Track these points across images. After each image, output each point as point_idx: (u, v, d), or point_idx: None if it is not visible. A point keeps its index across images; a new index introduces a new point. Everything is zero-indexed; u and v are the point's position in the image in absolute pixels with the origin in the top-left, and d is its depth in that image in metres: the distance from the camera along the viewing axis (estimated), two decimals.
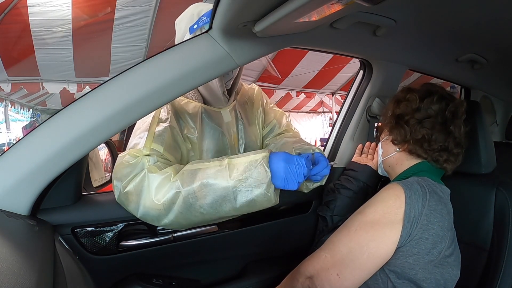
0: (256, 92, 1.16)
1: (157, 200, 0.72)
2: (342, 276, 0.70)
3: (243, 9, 0.58)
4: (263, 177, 0.71)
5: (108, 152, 1.04)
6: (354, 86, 1.23)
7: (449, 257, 0.71)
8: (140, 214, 0.75)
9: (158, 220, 0.74)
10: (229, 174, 0.72)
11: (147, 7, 3.29)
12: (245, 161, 0.73)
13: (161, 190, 0.72)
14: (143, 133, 0.82)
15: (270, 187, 0.71)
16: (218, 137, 0.99)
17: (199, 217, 0.74)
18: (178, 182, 0.72)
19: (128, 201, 0.75)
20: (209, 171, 0.73)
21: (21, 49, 3.61)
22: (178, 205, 0.72)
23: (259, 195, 0.71)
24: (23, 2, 2.94)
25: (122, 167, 0.76)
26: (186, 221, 0.75)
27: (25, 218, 0.64)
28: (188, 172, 0.74)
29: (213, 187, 0.71)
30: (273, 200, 0.73)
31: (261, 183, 0.71)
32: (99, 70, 4.26)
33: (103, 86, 0.69)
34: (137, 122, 0.86)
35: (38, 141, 0.66)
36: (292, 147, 0.96)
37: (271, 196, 0.72)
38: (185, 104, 0.95)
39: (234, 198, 0.71)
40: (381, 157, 0.89)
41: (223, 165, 0.74)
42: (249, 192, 0.71)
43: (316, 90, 6.20)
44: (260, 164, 0.72)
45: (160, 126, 0.84)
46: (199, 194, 0.71)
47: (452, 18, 0.77)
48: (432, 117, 0.79)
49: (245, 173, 0.71)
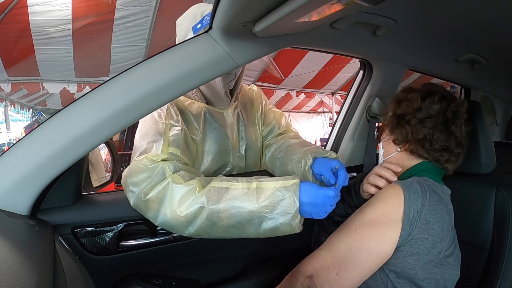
0: (255, 93, 1.16)
1: (179, 212, 0.71)
2: (342, 275, 0.70)
3: (243, 9, 0.58)
4: (291, 207, 0.69)
5: (108, 152, 1.03)
6: (354, 86, 1.23)
7: (449, 257, 0.71)
8: (159, 222, 0.74)
9: (178, 229, 0.74)
10: (257, 199, 0.71)
11: (147, 7, 3.29)
12: (274, 187, 0.72)
13: (185, 202, 0.71)
14: (155, 137, 0.80)
15: (296, 218, 0.70)
16: (221, 138, 0.98)
17: (221, 234, 0.73)
18: (204, 198, 0.71)
19: (147, 208, 0.74)
20: (237, 192, 0.72)
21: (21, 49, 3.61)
22: (201, 220, 0.71)
23: (283, 224, 0.70)
24: (23, 2, 2.94)
25: (139, 172, 0.74)
26: (206, 235, 0.74)
27: (25, 218, 0.64)
28: (215, 190, 0.73)
29: (239, 210, 0.70)
30: (297, 230, 0.71)
31: (288, 213, 0.69)
32: (99, 70, 4.26)
33: (103, 86, 0.69)
34: (140, 124, 0.85)
35: (38, 141, 0.66)
36: (302, 150, 0.93)
37: (295, 227, 0.71)
38: (188, 105, 0.95)
39: (258, 223, 0.71)
40: (382, 157, 0.89)
41: (251, 188, 0.72)
42: (274, 220, 0.70)
43: (316, 90, 6.20)
44: (289, 193, 0.70)
45: (173, 129, 0.84)
46: (224, 215, 0.71)
47: (452, 18, 0.77)
48: (434, 117, 0.79)
49: (273, 200, 0.70)
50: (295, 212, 0.69)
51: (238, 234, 0.73)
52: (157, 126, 0.83)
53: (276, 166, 1.01)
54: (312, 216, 0.71)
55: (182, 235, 0.75)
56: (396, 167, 0.81)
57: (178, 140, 0.82)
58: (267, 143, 1.12)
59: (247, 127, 1.07)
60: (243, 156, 1.05)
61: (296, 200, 0.69)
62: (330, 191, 0.71)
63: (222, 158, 1.00)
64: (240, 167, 1.05)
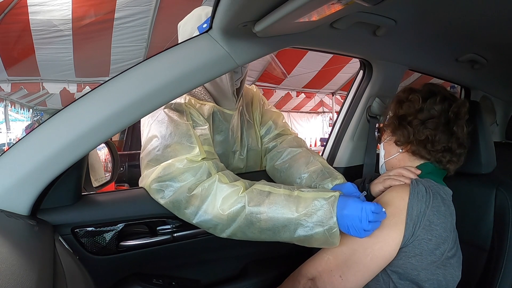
0: (255, 93, 1.16)
1: (221, 210, 0.72)
2: (345, 278, 0.70)
3: (243, 9, 0.58)
4: (327, 217, 0.69)
5: (108, 152, 1.03)
6: (354, 86, 1.23)
7: (452, 258, 0.71)
8: (198, 219, 0.75)
9: (215, 228, 0.75)
10: (296, 207, 0.71)
11: (147, 7, 3.29)
12: (313, 197, 0.72)
13: (228, 201, 0.72)
14: (182, 138, 0.79)
15: (332, 230, 0.69)
16: (226, 140, 0.98)
17: (256, 235, 0.74)
18: (246, 198, 0.72)
19: (189, 204, 0.74)
20: (279, 198, 0.73)
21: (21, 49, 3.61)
22: (240, 219, 0.72)
23: (318, 233, 0.70)
24: (23, 2, 2.94)
25: (181, 172, 0.74)
26: (242, 235, 0.75)
27: (25, 218, 0.64)
28: (258, 191, 0.74)
29: (277, 215, 0.71)
30: (332, 242, 0.70)
31: (323, 223, 0.69)
32: (99, 70, 4.27)
33: (103, 86, 0.69)
34: (153, 126, 0.84)
35: (38, 141, 0.66)
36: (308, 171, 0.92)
37: (331, 239, 0.69)
38: (199, 108, 0.93)
39: (294, 230, 0.71)
40: (383, 158, 0.89)
41: (292, 196, 0.73)
42: (309, 229, 0.70)
43: (316, 90, 6.20)
44: (327, 204, 0.70)
45: (198, 129, 0.84)
46: (263, 217, 0.72)
47: (452, 18, 0.77)
48: (435, 118, 0.78)
49: (310, 209, 0.70)
50: (333, 224, 0.68)
51: (273, 237, 0.74)
52: (182, 127, 0.81)
53: (277, 178, 1.02)
54: (350, 230, 0.68)
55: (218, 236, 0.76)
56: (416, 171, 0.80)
57: (209, 139, 0.83)
58: (266, 147, 1.11)
59: (249, 128, 1.07)
60: (244, 158, 1.05)
61: (333, 211, 0.69)
62: (370, 205, 0.68)
63: (225, 160, 0.99)
64: (239, 169, 1.04)
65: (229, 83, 0.92)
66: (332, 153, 1.25)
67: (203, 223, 0.75)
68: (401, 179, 0.78)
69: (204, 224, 0.75)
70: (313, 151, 1.03)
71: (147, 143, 0.82)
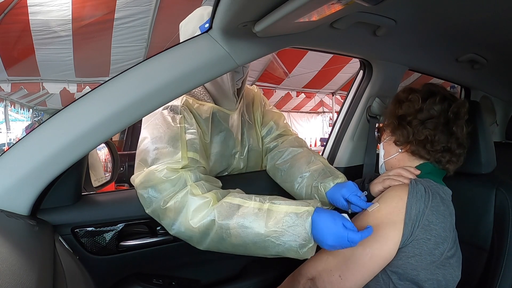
0: (256, 93, 1.16)
1: (193, 223, 0.72)
2: (344, 277, 0.70)
3: (243, 9, 0.58)
4: (299, 234, 0.66)
5: (108, 152, 1.03)
6: (354, 86, 1.23)
7: (451, 258, 0.71)
8: (174, 231, 0.75)
9: (192, 241, 0.75)
10: (266, 222, 0.69)
11: (147, 7, 3.29)
12: (285, 211, 0.70)
13: (198, 214, 0.72)
14: (171, 142, 0.80)
15: (305, 247, 0.67)
16: (226, 140, 0.98)
17: (230, 250, 0.74)
18: (215, 212, 0.71)
19: (164, 215, 0.75)
20: (247, 211, 0.71)
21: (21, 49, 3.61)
22: (212, 234, 0.72)
23: (290, 250, 0.68)
24: (23, 2, 2.94)
25: (161, 182, 0.75)
26: (217, 250, 0.75)
27: (25, 218, 0.64)
28: (227, 205, 0.73)
29: (247, 230, 0.69)
30: (304, 257, 0.69)
31: (295, 241, 0.67)
32: (99, 70, 4.27)
33: (103, 86, 0.69)
34: (148, 127, 0.84)
35: (38, 141, 0.66)
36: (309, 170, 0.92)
37: (302, 255, 0.68)
38: (198, 108, 0.92)
39: (264, 247, 0.70)
40: (383, 158, 0.89)
41: (262, 210, 0.71)
42: (281, 246, 0.68)
43: (316, 90, 6.20)
44: (299, 220, 0.67)
45: (189, 133, 0.83)
46: (233, 232, 0.70)
47: (452, 18, 0.76)
48: (435, 118, 0.78)
49: (282, 226, 0.68)
50: (305, 241, 0.66)
51: (246, 253, 0.73)
52: (172, 130, 0.81)
53: (277, 177, 1.02)
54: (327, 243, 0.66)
55: (197, 247, 0.76)
56: (415, 172, 0.80)
57: (196, 144, 0.83)
58: (267, 147, 1.11)
59: (250, 129, 1.07)
60: (244, 158, 1.05)
61: (307, 228, 0.66)
62: (348, 222, 0.66)
63: (226, 161, 0.99)
64: (239, 169, 1.04)
65: (230, 83, 0.91)
66: (332, 153, 1.25)
67: (179, 235, 0.75)
68: (400, 179, 0.78)
69: (181, 236, 0.75)
70: (314, 151, 1.03)
71: (140, 142, 0.84)
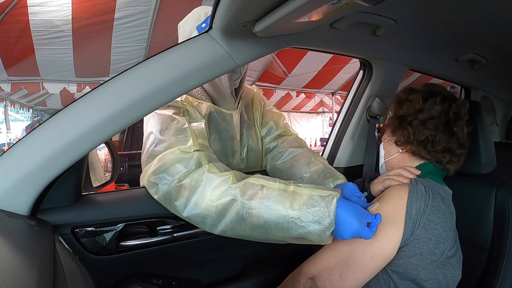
0: (255, 93, 1.16)
1: (210, 201, 0.69)
2: (345, 276, 0.70)
3: (243, 9, 0.58)
4: (324, 217, 0.65)
5: (108, 152, 1.03)
6: (354, 86, 1.23)
7: (452, 257, 0.71)
8: (187, 212, 0.72)
9: (205, 223, 0.72)
10: (291, 204, 0.67)
11: (147, 7, 3.29)
12: (310, 194, 0.68)
13: (217, 191, 0.70)
14: (178, 132, 0.79)
15: (328, 230, 0.65)
16: (226, 140, 0.98)
17: (247, 232, 0.70)
18: (237, 191, 0.69)
19: (178, 195, 0.72)
20: (272, 192, 0.69)
21: (21, 49, 3.61)
22: (231, 214, 0.69)
23: (313, 233, 0.66)
24: (23, 2, 2.94)
25: (174, 162, 0.73)
26: (232, 232, 0.72)
27: (25, 218, 0.64)
28: (251, 185, 0.71)
29: (270, 211, 0.67)
30: (326, 241, 0.68)
31: (319, 223, 0.65)
32: (99, 70, 4.27)
33: (103, 86, 0.69)
34: (152, 123, 0.84)
35: (38, 141, 0.66)
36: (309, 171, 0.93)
37: (325, 238, 0.66)
38: (197, 106, 0.93)
39: (287, 228, 0.67)
40: (383, 158, 0.89)
41: (287, 191, 0.69)
42: (304, 228, 0.66)
43: (316, 90, 6.20)
44: (324, 202, 0.66)
45: (194, 124, 0.83)
46: (255, 212, 0.68)
47: (452, 18, 0.77)
48: (436, 118, 0.78)
49: (306, 207, 0.66)
50: (329, 224, 0.65)
51: (265, 235, 0.70)
52: (178, 121, 0.81)
53: (277, 177, 1.01)
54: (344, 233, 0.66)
55: (209, 232, 0.73)
56: (416, 172, 0.80)
57: (203, 133, 0.83)
58: (267, 147, 1.11)
59: (249, 129, 1.07)
60: (244, 158, 1.05)
61: (331, 211, 0.66)
62: (369, 216, 0.67)
63: (225, 160, 0.99)
64: (239, 169, 1.04)
65: (227, 83, 0.91)
66: (332, 153, 1.25)
67: (193, 217, 0.72)
68: (400, 179, 0.78)
69: (194, 218, 0.72)
70: (314, 152, 1.03)
71: (145, 140, 0.83)
